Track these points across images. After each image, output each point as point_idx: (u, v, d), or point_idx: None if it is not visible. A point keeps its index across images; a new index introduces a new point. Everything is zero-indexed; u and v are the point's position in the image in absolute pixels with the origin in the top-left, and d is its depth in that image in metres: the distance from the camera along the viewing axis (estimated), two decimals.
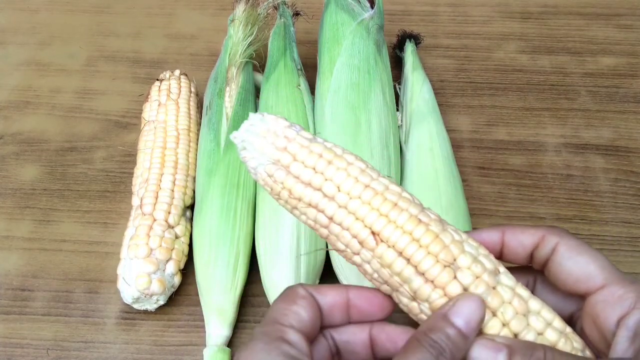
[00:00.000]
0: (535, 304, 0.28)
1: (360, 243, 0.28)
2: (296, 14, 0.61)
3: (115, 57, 0.68)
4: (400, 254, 0.27)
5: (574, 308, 0.30)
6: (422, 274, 0.27)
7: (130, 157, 0.56)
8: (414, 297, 0.28)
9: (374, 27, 0.54)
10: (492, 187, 0.54)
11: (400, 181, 0.50)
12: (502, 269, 0.28)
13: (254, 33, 0.57)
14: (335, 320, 0.30)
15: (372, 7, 0.55)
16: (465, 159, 0.56)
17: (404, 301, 0.28)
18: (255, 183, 0.50)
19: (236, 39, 0.56)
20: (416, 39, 0.62)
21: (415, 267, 0.27)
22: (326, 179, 0.28)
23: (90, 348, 0.44)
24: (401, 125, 0.54)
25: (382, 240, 0.27)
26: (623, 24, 0.71)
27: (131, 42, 0.70)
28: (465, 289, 0.27)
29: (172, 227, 0.47)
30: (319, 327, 0.29)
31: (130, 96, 0.63)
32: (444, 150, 0.51)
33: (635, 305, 0.26)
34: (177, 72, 0.59)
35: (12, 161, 0.57)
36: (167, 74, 0.59)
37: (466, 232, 0.30)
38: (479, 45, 0.68)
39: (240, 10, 0.58)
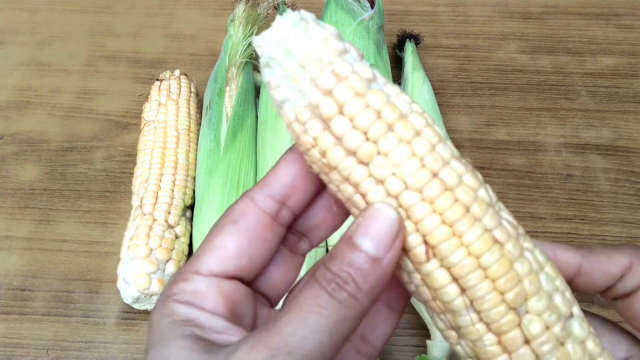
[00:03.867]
0: None
1: (405, 252, 0.20)
2: None
3: (115, 57, 0.68)
4: (456, 280, 0.20)
5: (623, 354, 0.25)
6: (478, 312, 0.20)
7: (130, 157, 0.56)
8: (455, 330, 0.21)
9: (373, 27, 0.54)
10: (492, 187, 0.54)
11: None
12: (575, 310, 0.21)
13: (254, 33, 0.57)
14: (302, 198, 0.23)
15: (372, 7, 0.55)
16: None
17: (439, 323, 0.22)
18: (255, 182, 0.50)
19: (236, 39, 0.57)
20: (416, 39, 0.62)
21: (472, 301, 0.20)
22: (379, 152, 0.20)
23: (90, 348, 0.44)
24: None
25: (435, 256, 0.20)
26: (623, 24, 0.71)
27: (131, 42, 0.70)
28: (528, 342, 0.20)
29: (172, 227, 0.47)
30: (280, 236, 0.23)
31: (130, 96, 0.63)
32: None
33: None
34: (177, 72, 0.59)
35: (12, 161, 0.57)
36: (167, 74, 0.59)
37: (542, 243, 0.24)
38: (479, 45, 0.68)
39: (240, 10, 0.58)
